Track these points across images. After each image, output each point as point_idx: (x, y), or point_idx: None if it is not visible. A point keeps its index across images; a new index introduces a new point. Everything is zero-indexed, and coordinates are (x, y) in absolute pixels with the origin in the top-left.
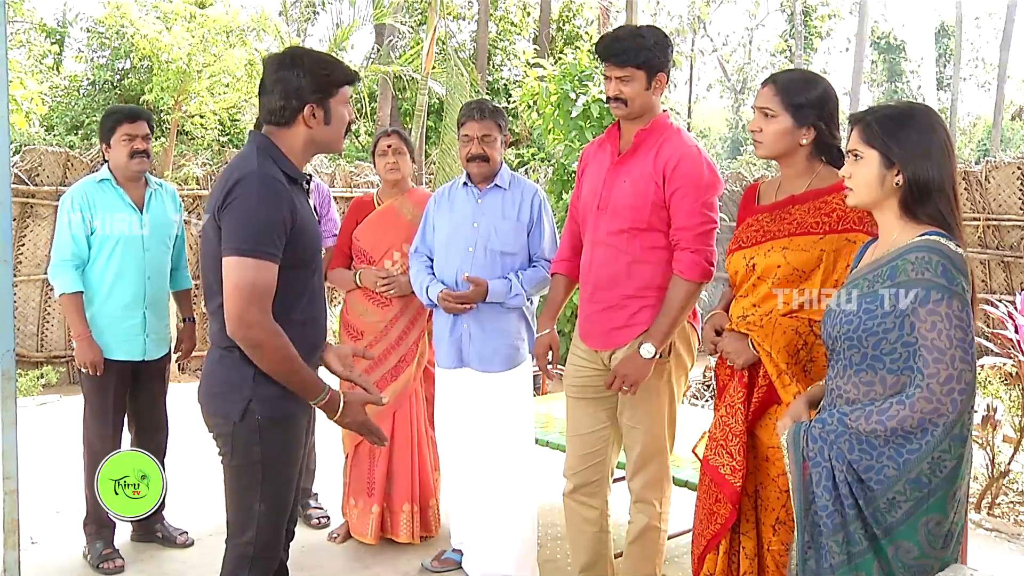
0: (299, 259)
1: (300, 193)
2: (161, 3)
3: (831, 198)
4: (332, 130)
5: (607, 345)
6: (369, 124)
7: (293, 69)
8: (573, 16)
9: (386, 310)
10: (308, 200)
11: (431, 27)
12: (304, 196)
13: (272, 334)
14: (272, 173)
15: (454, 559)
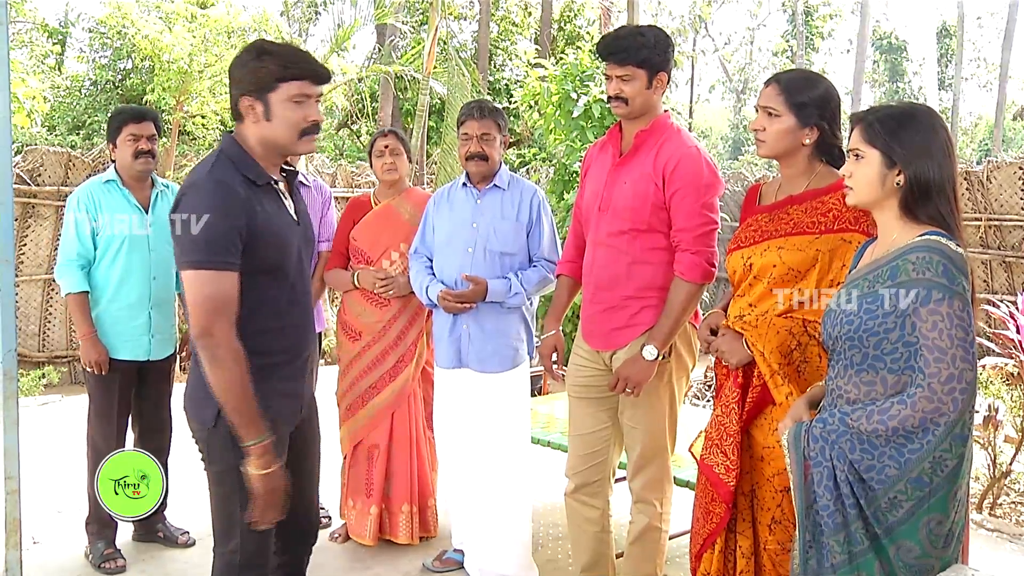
0: (264, 265)
1: (268, 195)
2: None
3: (828, 198)
4: (276, 128)
5: (608, 345)
6: (370, 124)
7: (238, 61)
8: (574, 16)
9: (384, 310)
10: (288, 201)
11: (432, 27)
12: (276, 198)
13: (232, 355)
14: (225, 178)
15: (455, 559)
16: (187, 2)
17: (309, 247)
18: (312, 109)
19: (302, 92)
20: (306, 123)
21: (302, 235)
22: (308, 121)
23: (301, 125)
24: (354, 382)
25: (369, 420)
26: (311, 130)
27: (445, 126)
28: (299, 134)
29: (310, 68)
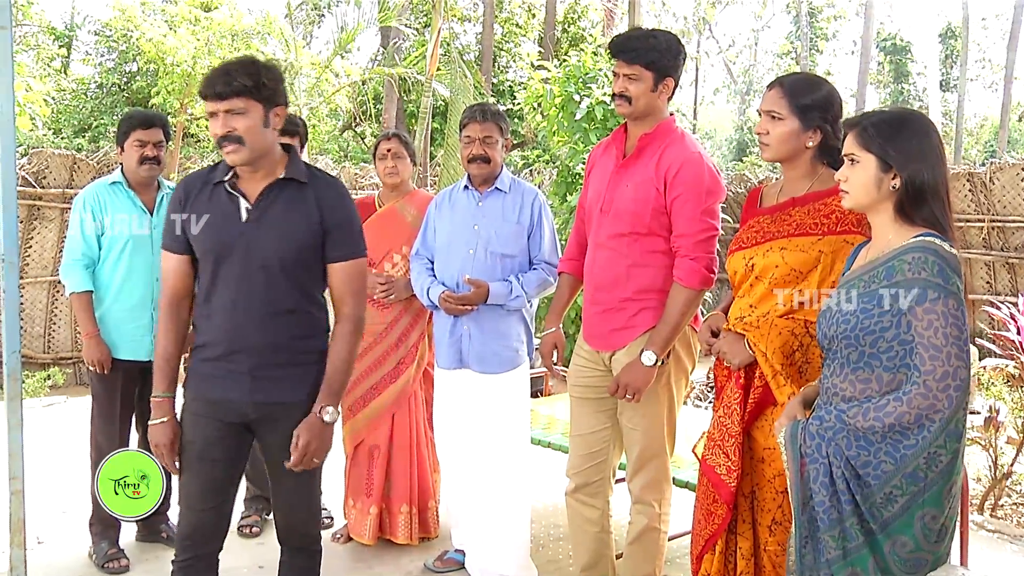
0: (198, 252)
1: (218, 194)
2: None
3: (831, 200)
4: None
5: (608, 346)
6: (374, 126)
7: None
8: (578, 18)
9: (386, 312)
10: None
11: (435, 30)
12: (226, 197)
13: (162, 317)
14: (195, 177)
15: (456, 559)
16: (191, 5)
17: (264, 249)
18: (216, 124)
19: (210, 110)
20: (217, 136)
21: (251, 235)
22: (216, 135)
23: (216, 137)
24: (356, 383)
25: (370, 421)
26: (220, 142)
27: (449, 128)
28: (218, 145)
29: (208, 88)
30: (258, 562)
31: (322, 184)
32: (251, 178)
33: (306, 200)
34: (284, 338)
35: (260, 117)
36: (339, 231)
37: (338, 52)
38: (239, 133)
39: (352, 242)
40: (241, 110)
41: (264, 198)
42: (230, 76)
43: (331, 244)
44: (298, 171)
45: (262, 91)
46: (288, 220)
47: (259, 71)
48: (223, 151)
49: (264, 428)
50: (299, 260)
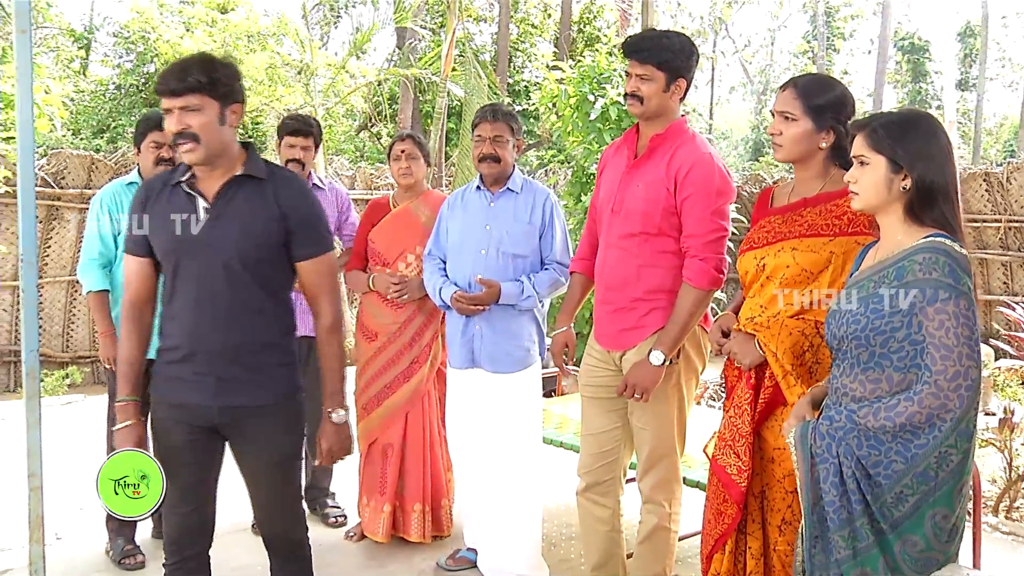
0: (159, 254)
1: (176, 195)
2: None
3: (843, 201)
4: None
5: (618, 346)
6: (390, 126)
7: None
8: (594, 18)
9: (399, 312)
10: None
11: (450, 30)
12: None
13: (123, 321)
14: (156, 179)
15: (469, 558)
16: (207, 7)
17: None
18: (171, 121)
19: (165, 107)
20: (172, 134)
21: (209, 233)
22: (171, 133)
23: (171, 135)
24: (370, 382)
25: (384, 419)
26: (174, 139)
27: (464, 128)
28: (172, 143)
29: (163, 85)
30: None
31: (281, 181)
32: (209, 177)
33: (264, 196)
34: (247, 339)
35: (216, 114)
36: (303, 229)
37: (353, 53)
38: (194, 130)
39: (318, 238)
40: (196, 107)
41: (222, 196)
42: (185, 72)
43: (296, 243)
44: (256, 168)
45: (217, 88)
46: (246, 217)
47: (215, 68)
48: (179, 149)
49: (232, 433)
50: (259, 258)
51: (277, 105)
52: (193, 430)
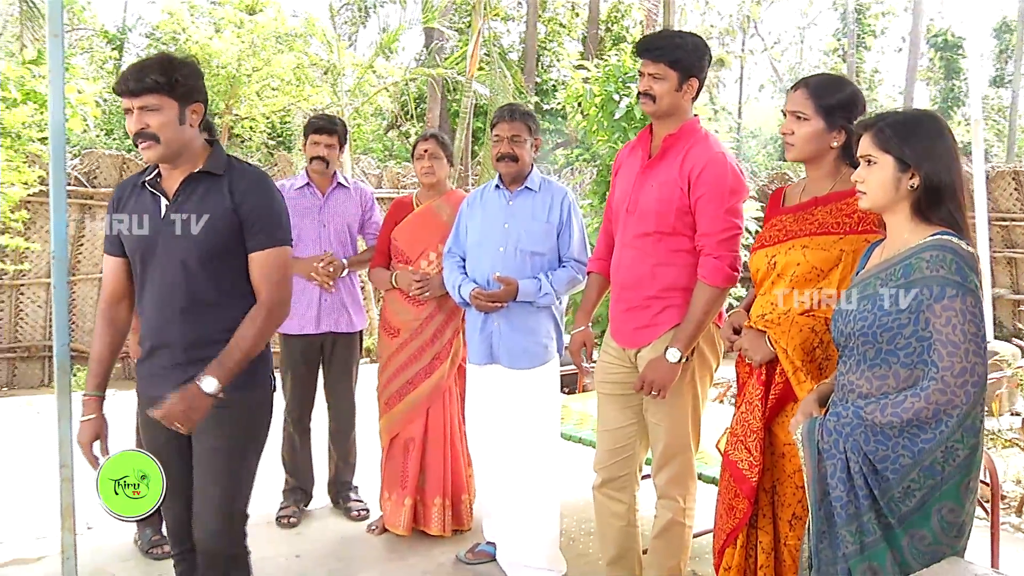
0: (128, 253)
1: (143, 194)
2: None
3: (853, 200)
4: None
5: (633, 343)
6: (419, 126)
7: None
8: (621, 17)
9: (421, 308)
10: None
11: (475, 31)
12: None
13: (98, 318)
14: (129, 180)
15: (488, 551)
16: (236, 8)
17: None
18: (130, 121)
19: (124, 106)
20: (132, 133)
21: (169, 231)
22: (131, 132)
23: (131, 134)
24: (392, 377)
25: (405, 414)
26: (134, 139)
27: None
28: (133, 142)
29: (122, 85)
30: (295, 551)
31: (237, 174)
32: (171, 175)
33: (220, 191)
34: (205, 333)
35: (175, 114)
36: (253, 220)
37: (379, 53)
38: (152, 130)
39: (267, 231)
40: (154, 107)
41: (181, 193)
42: (143, 72)
43: (247, 234)
44: (215, 164)
45: (176, 88)
46: (202, 213)
47: (173, 68)
48: (140, 148)
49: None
50: (216, 253)
51: (304, 105)
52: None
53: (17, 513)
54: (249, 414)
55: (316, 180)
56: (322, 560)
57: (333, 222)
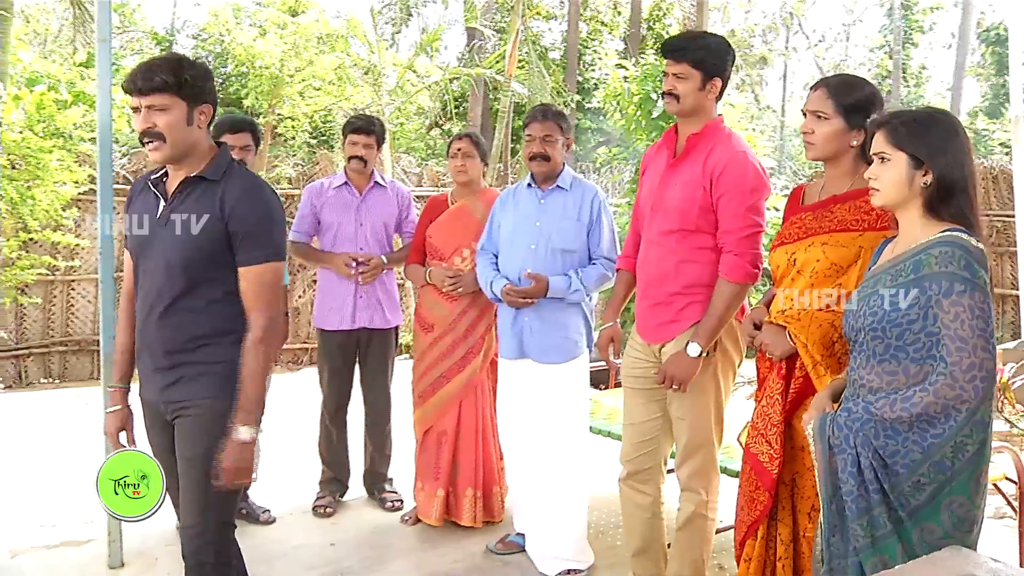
0: (128, 251)
1: (147, 194)
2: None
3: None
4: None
5: (657, 339)
6: (460, 124)
7: None
8: (663, 15)
9: (454, 304)
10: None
11: (513, 31)
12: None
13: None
14: (142, 178)
15: (517, 543)
16: (279, 10)
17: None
18: (137, 120)
19: (132, 105)
20: (139, 132)
21: (160, 233)
22: (138, 131)
23: (139, 133)
24: (426, 371)
25: (439, 407)
26: (141, 138)
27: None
28: (140, 142)
29: (130, 83)
30: (330, 540)
31: (231, 182)
32: (174, 176)
33: (212, 198)
34: (181, 338)
35: (183, 115)
36: (243, 233)
37: (419, 53)
38: (159, 130)
39: (258, 246)
40: (163, 106)
41: (176, 196)
42: (152, 72)
43: (236, 246)
44: (215, 170)
45: (184, 88)
46: (190, 218)
47: (183, 68)
48: (148, 148)
49: (176, 426)
50: (198, 259)
51: (346, 104)
52: (158, 423)
53: (67, 498)
54: (222, 422)
55: (354, 179)
56: (356, 549)
57: (370, 220)
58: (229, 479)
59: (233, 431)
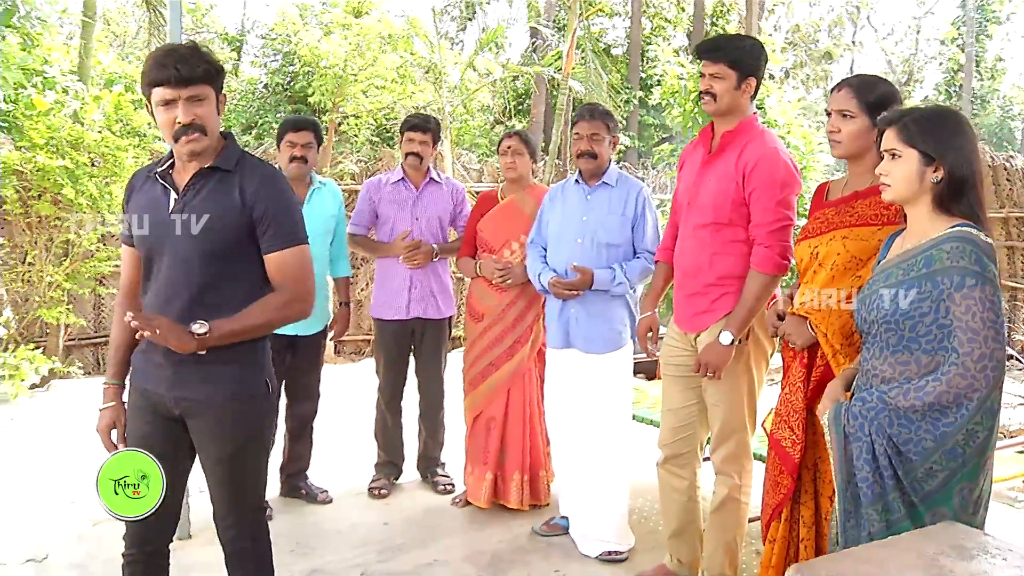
0: (136, 245)
1: (154, 186)
2: (324, 11)
3: None
4: (160, 128)
5: (692, 328)
6: (524, 121)
7: None
8: (727, 11)
9: (503, 295)
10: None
11: (570, 30)
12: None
13: (115, 306)
14: (142, 170)
15: (562, 525)
16: (345, 11)
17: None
18: (180, 111)
19: (164, 97)
20: (176, 125)
21: (175, 226)
22: (177, 123)
23: (171, 127)
24: (476, 359)
25: (488, 394)
26: (182, 131)
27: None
28: (173, 136)
29: (165, 73)
30: (383, 519)
31: (248, 171)
32: (185, 168)
33: (230, 188)
34: None
35: (214, 104)
36: (268, 221)
37: (478, 52)
38: (202, 122)
39: (285, 231)
40: (203, 97)
41: (190, 188)
42: (192, 61)
43: (261, 235)
44: (226, 159)
45: (216, 77)
46: (210, 210)
47: (211, 56)
48: (184, 141)
49: (191, 423)
50: (221, 252)
51: (407, 102)
52: (157, 418)
53: None
54: (240, 424)
55: (410, 175)
56: (408, 528)
57: (425, 215)
58: (153, 329)
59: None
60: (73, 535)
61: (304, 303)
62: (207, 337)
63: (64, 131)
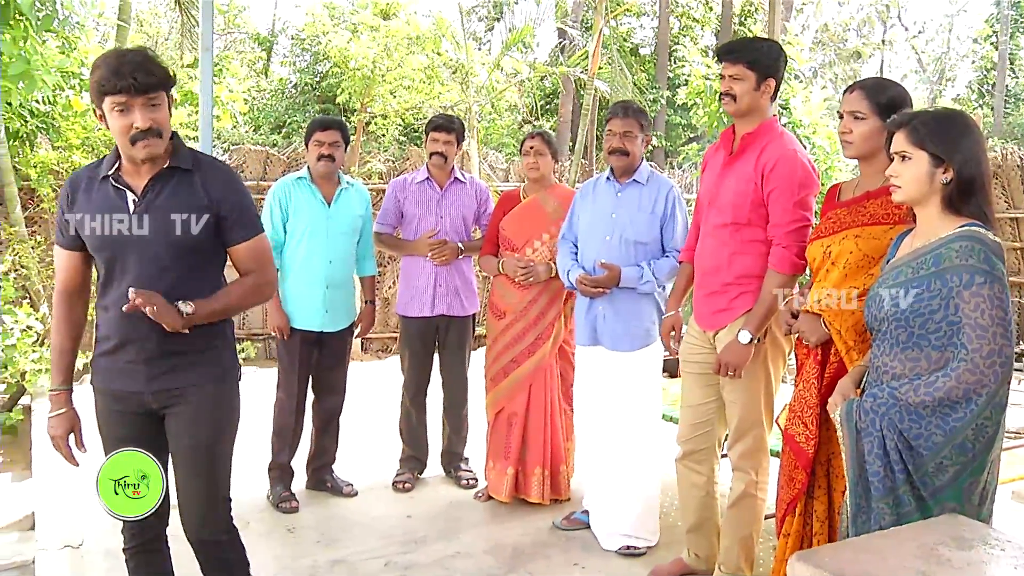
0: (89, 246)
1: (104, 188)
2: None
3: None
4: (113, 134)
5: (712, 326)
6: (552, 121)
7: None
8: (754, 10)
9: (525, 293)
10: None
11: (596, 30)
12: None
13: (55, 313)
14: (81, 173)
15: (582, 519)
16: (374, 13)
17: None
18: (137, 116)
19: (119, 103)
20: (133, 130)
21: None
22: (134, 128)
23: (128, 132)
24: (498, 356)
25: (509, 390)
26: (140, 136)
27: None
28: (130, 140)
29: (122, 81)
30: (407, 512)
31: (208, 169)
32: (137, 171)
33: (192, 187)
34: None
35: (167, 107)
36: (233, 215)
37: (505, 52)
38: (159, 126)
39: (248, 223)
40: (159, 102)
41: (150, 189)
42: (147, 68)
43: (228, 229)
44: (182, 159)
45: (168, 81)
46: (175, 209)
47: (162, 62)
48: (142, 145)
49: (170, 414)
50: (192, 248)
51: (435, 103)
52: (132, 417)
53: None
54: (219, 407)
55: (435, 174)
56: (431, 521)
57: (450, 213)
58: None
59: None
60: (108, 524)
61: (271, 287)
62: (193, 316)
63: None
